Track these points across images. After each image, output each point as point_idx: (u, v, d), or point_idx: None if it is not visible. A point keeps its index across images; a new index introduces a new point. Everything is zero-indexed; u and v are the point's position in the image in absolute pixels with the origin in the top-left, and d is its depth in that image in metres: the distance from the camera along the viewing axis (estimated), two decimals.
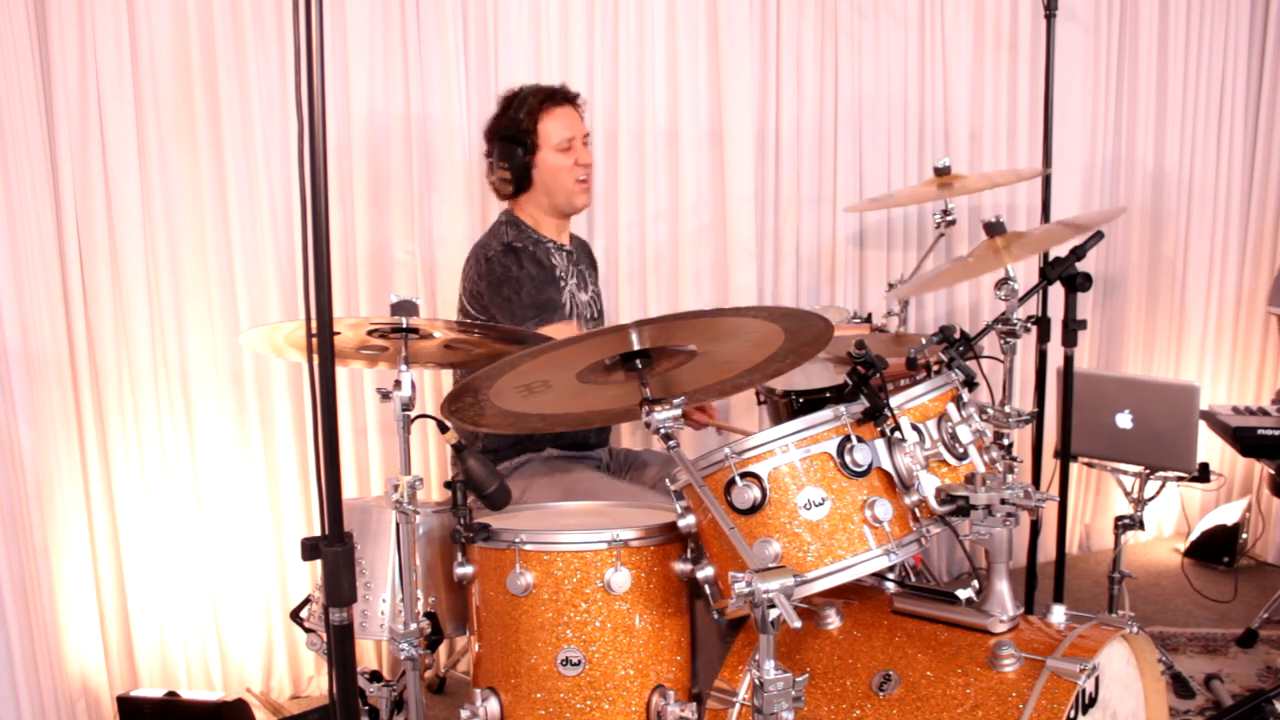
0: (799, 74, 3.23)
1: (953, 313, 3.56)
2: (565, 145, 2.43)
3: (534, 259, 2.40)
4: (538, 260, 2.41)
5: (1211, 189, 3.81)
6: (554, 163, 2.43)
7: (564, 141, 2.42)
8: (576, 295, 2.50)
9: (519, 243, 2.41)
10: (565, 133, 2.43)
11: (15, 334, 2.31)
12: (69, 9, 2.43)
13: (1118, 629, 1.69)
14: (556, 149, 2.42)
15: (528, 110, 2.42)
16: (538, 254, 2.42)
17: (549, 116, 2.43)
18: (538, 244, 2.44)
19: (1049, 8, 2.91)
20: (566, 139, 2.43)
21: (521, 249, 2.40)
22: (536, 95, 2.44)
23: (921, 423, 1.72)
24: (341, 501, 1.41)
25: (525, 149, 2.42)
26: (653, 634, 1.74)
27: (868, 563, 1.62)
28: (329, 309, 1.36)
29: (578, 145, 2.46)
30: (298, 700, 2.82)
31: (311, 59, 1.29)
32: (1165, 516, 3.96)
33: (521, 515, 1.98)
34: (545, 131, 2.42)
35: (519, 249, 2.39)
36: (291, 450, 2.75)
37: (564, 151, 2.43)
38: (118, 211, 2.53)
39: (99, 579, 2.60)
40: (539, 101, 2.43)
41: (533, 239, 2.45)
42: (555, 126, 2.43)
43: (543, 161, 2.43)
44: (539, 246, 2.44)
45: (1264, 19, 3.75)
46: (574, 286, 2.50)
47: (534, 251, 2.41)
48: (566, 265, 2.51)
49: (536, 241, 2.45)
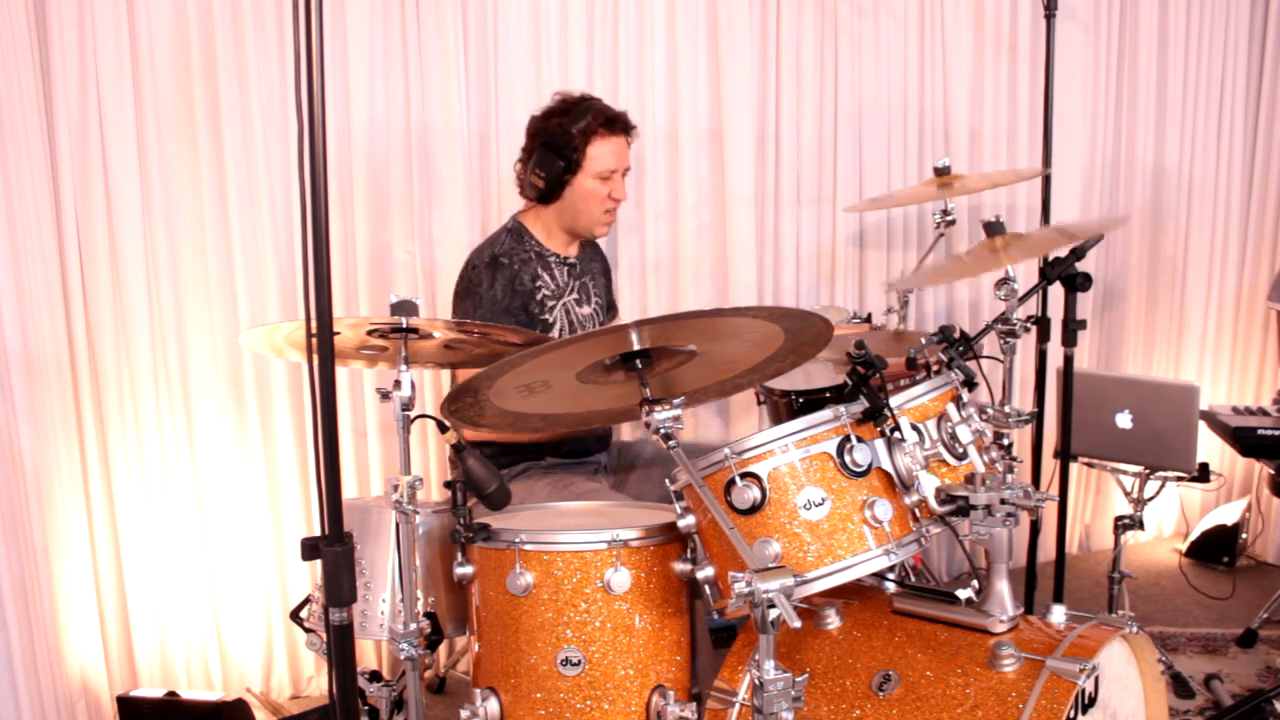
0: (799, 74, 3.23)
1: (952, 312, 3.56)
2: (607, 175, 2.38)
3: (511, 281, 2.34)
4: (516, 283, 2.35)
5: (1211, 188, 3.81)
6: (590, 189, 2.38)
7: (606, 171, 2.37)
8: (574, 310, 2.47)
9: (507, 258, 2.37)
10: (612, 163, 2.38)
11: (15, 334, 2.31)
12: (69, 9, 2.43)
13: (1117, 629, 1.69)
14: (597, 176, 2.37)
15: (583, 128, 2.35)
16: (522, 274, 2.36)
17: (601, 142, 2.36)
18: (533, 259, 2.41)
19: (1049, 8, 2.91)
20: (610, 170, 2.38)
21: (505, 266, 2.35)
22: (598, 116, 2.36)
23: (921, 423, 1.72)
24: (341, 501, 1.41)
25: (568, 166, 2.35)
26: (653, 634, 1.74)
27: (868, 563, 1.62)
28: (329, 309, 1.36)
29: (617, 178, 2.41)
30: (298, 700, 2.83)
31: (311, 60, 1.29)
32: (1165, 516, 3.96)
33: (521, 515, 1.98)
34: (593, 155, 2.36)
35: (503, 265, 2.35)
36: (291, 450, 2.75)
37: (604, 180, 2.38)
38: (118, 211, 2.53)
39: (99, 579, 2.61)
40: (598, 124, 2.36)
41: (531, 253, 2.42)
42: (604, 153, 2.37)
43: (579, 184, 2.37)
44: (527, 266, 2.39)
45: (1264, 19, 3.75)
46: (571, 302, 2.46)
47: (518, 271, 2.36)
48: (565, 280, 2.47)
49: (538, 255, 2.42)
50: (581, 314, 2.50)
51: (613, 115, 2.40)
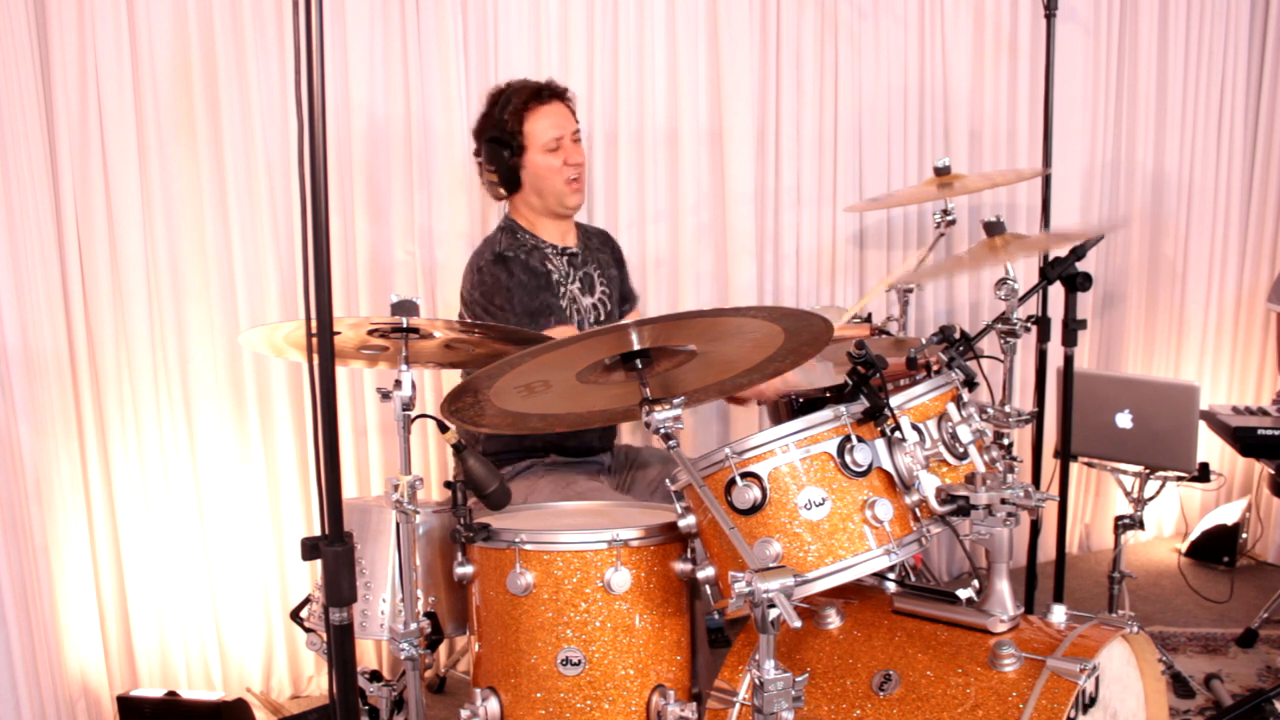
0: (799, 74, 3.23)
1: (953, 313, 3.56)
2: (554, 145, 2.34)
3: (525, 266, 2.34)
4: (529, 268, 2.34)
5: (1211, 189, 3.81)
6: (542, 164, 2.35)
7: (552, 141, 2.34)
8: (579, 300, 2.46)
9: (510, 251, 2.35)
10: (553, 132, 2.34)
11: (15, 334, 2.31)
12: (69, 9, 2.43)
13: (1118, 629, 1.69)
14: (544, 150, 2.34)
15: (512, 110, 2.33)
16: (530, 261, 2.36)
17: (535, 115, 2.34)
18: (533, 250, 2.40)
19: (1049, 8, 2.91)
20: (554, 138, 2.34)
21: (512, 258, 2.34)
22: (521, 93, 2.35)
23: (921, 422, 1.72)
24: (341, 501, 1.41)
25: (512, 151, 2.34)
26: (653, 634, 1.74)
27: (868, 563, 1.62)
28: (329, 309, 1.36)
29: (567, 143, 2.37)
30: (298, 700, 2.82)
31: (311, 59, 1.29)
32: (1165, 516, 3.96)
33: (521, 515, 1.98)
34: (532, 132, 2.33)
35: (509, 258, 2.33)
36: (291, 450, 2.75)
37: (552, 152, 2.34)
38: (118, 211, 2.53)
39: (99, 579, 2.60)
40: (524, 100, 2.34)
41: (527, 245, 2.41)
42: (542, 126, 2.34)
43: (530, 163, 2.35)
44: (534, 253, 2.39)
45: (1264, 19, 3.75)
46: (576, 291, 2.45)
47: (525, 259, 2.35)
48: (567, 269, 2.46)
49: (534, 248, 2.42)
50: (584, 304, 2.47)
51: (537, 86, 2.37)
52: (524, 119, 2.34)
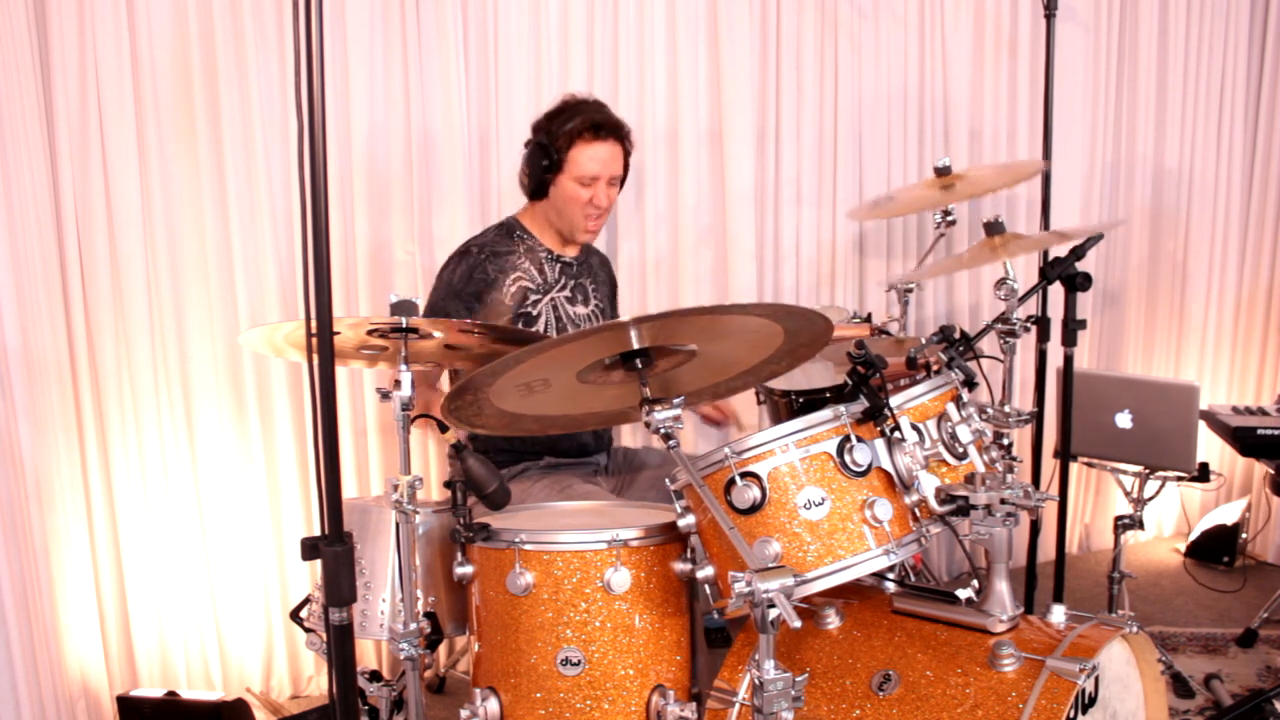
0: (799, 74, 3.23)
1: (953, 314, 3.56)
2: (588, 180, 2.36)
3: (471, 270, 2.37)
4: (475, 272, 2.36)
5: (1211, 188, 3.81)
6: (570, 192, 2.37)
7: (588, 177, 2.35)
8: (565, 307, 2.47)
9: (478, 248, 2.40)
10: (593, 168, 2.35)
11: (15, 334, 2.31)
12: (69, 9, 2.43)
13: (1117, 629, 1.69)
14: (578, 180, 2.36)
15: (569, 130, 2.34)
16: (486, 265, 2.38)
17: (586, 146, 2.34)
18: (519, 253, 2.42)
19: (1049, 8, 2.91)
20: (592, 175, 2.35)
21: (472, 255, 2.39)
22: (585, 120, 2.34)
23: (921, 422, 1.72)
24: (341, 501, 1.41)
25: (550, 165, 2.35)
26: (653, 634, 1.74)
27: (867, 563, 1.62)
28: (329, 309, 1.36)
29: (600, 185, 2.37)
30: (297, 700, 2.83)
31: (311, 60, 1.29)
32: (1165, 516, 3.96)
33: (521, 515, 1.98)
34: (575, 159, 2.35)
35: (470, 254, 2.39)
36: (291, 450, 2.75)
37: (585, 185, 2.36)
38: (118, 211, 2.53)
39: (99, 579, 2.60)
40: (583, 127, 2.34)
41: (518, 247, 2.43)
42: (587, 157, 2.35)
43: (561, 183, 2.37)
44: (498, 260, 2.40)
45: (1264, 19, 3.75)
46: (562, 298, 2.47)
47: (483, 262, 2.38)
48: (556, 276, 2.48)
49: (528, 250, 2.43)
50: (576, 312, 2.50)
51: (600, 121, 2.36)
52: (574, 143, 2.34)
